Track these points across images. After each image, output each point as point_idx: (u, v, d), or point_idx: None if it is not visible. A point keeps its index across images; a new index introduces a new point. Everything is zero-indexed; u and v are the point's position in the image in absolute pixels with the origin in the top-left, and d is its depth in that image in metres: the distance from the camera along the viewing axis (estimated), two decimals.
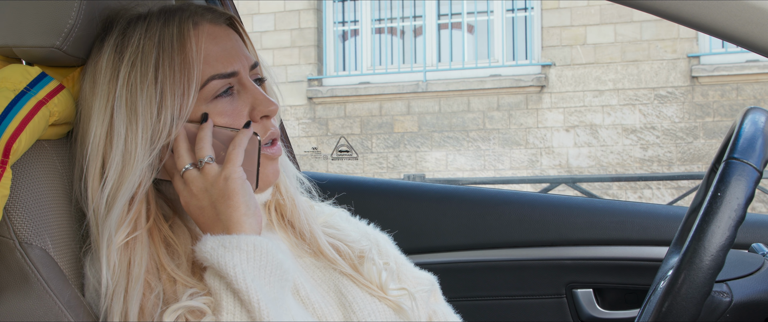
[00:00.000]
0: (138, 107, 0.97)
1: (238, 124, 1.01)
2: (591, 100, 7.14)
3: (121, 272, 0.93)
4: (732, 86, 6.77)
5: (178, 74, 0.97)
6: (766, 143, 0.98)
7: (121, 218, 0.95)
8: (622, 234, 1.73)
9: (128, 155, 0.96)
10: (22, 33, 1.07)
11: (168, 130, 0.97)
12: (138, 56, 0.98)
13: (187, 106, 0.98)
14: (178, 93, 0.97)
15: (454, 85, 7.49)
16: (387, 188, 1.53)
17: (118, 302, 0.92)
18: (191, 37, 1.00)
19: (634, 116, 7.03)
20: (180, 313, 0.91)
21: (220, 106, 1.01)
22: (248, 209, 0.95)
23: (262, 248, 0.92)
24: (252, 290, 0.89)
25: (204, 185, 0.97)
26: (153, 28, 1.00)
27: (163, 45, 0.98)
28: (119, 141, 0.97)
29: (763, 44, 0.90)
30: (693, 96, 6.88)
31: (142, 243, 0.96)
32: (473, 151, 7.46)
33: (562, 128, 7.22)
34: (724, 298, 1.05)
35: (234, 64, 1.02)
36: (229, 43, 1.04)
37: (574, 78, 7.17)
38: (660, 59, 6.93)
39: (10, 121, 0.96)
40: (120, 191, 0.95)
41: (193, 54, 0.98)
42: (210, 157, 0.97)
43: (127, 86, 0.98)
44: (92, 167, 0.98)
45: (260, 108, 1.03)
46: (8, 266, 0.97)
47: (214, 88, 1.00)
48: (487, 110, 7.43)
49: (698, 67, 6.80)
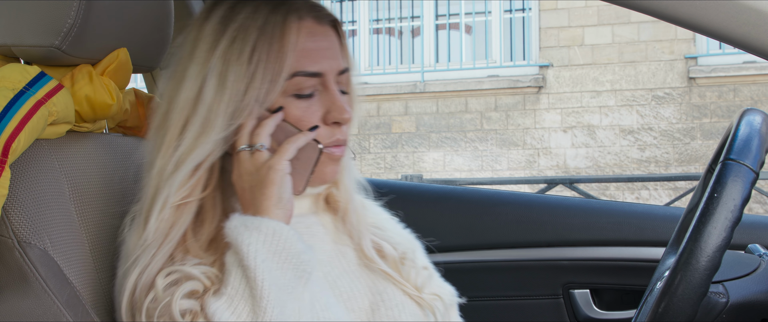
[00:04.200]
0: (228, 81, 1.00)
1: (305, 126, 1.04)
2: (588, 101, 7.14)
3: (160, 231, 0.98)
4: (729, 87, 6.78)
5: (272, 61, 1.00)
6: (762, 144, 0.98)
7: (183, 181, 0.99)
8: (619, 235, 1.73)
9: (208, 124, 1.00)
10: (21, 32, 1.08)
11: (249, 110, 1.01)
12: (239, 33, 1.01)
13: (273, 92, 1.01)
14: (267, 78, 1.00)
15: (452, 86, 7.49)
16: (384, 189, 1.53)
17: (146, 256, 0.97)
18: (293, 29, 1.02)
19: (631, 117, 7.03)
20: (175, 277, 0.95)
21: (296, 103, 1.04)
22: (280, 201, 0.98)
23: (281, 233, 0.94)
24: (259, 270, 0.91)
25: (250, 169, 1.00)
26: (261, 11, 1.03)
27: (265, 29, 1.01)
28: (203, 108, 1.00)
29: (760, 46, 0.90)
30: (690, 97, 6.89)
31: (190, 210, 1.00)
32: (471, 151, 7.46)
33: (560, 129, 7.22)
34: (721, 299, 1.06)
35: (322, 65, 1.05)
36: (325, 43, 1.06)
37: (572, 79, 7.17)
38: (657, 60, 6.94)
39: (9, 120, 0.96)
40: (190, 155, 1.00)
41: (290, 45, 1.02)
42: (263, 145, 1.00)
43: (224, 59, 1.01)
44: (174, 125, 1.02)
45: (334, 113, 1.05)
46: (7, 265, 0.97)
47: (297, 85, 1.03)
48: (484, 111, 7.43)
49: (696, 69, 6.81)
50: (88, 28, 1.08)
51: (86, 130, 1.19)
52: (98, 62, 1.16)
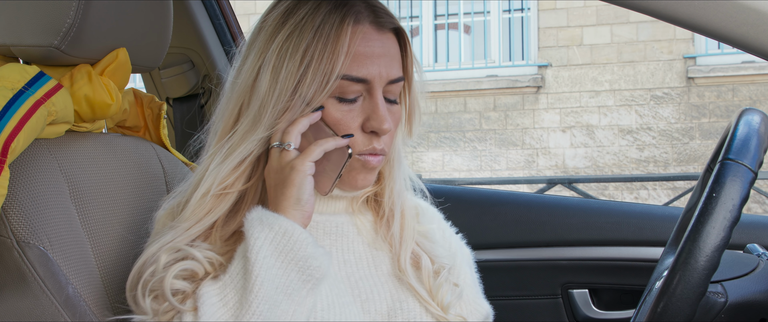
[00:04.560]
0: (280, 77, 1.00)
1: (342, 130, 1.03)
2: (587, 101, 7.15)
3: (196, 215, 0.99)
4: (728, 87, 6.78)
5: (324, 63, 0.99)
6: (760, 144, 0.98)
7: (228, 173, 1.00)
8: (617, 235, 1.73)
9: (258, 119, 1.01)
10: (20, 32, 1.08)
11: (299, 109, 1.01)
12: (296, 30, 1.01)
13: (321, 94, 1.00)
14: (317, 80, 0.99)
15: (451, 86, 7.49)
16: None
17: (174, 231, 0.98)
18: (348, 32, 1.00)
19: (630, 117, 7.04)
20: (178, 256, 0.95)
21: (338, 105, 1.03)
22: (298, 203, 0.97)
23: (291, 234, 0.94)
24: (257, 265, 0.91)
25: (276, 166, 1.00)
26: (320, 10, 1.02)
27: (321, 29, 1.00)
28: (256, 101, 1.01)
29: (758, 45, 0.90)
30: (689, 97, 6.89)
31: (229, 200, 1.01)
32: (470, 151, 7.46)
33: (559, 129, 7.23)
34: (719, 299, 1.06)
35: (370, 71, 1.02)
36: (380, 50, 1.03)
37: (571, 79, 7.18)
38: (656, 60, 6.94)
39: (8, 120, 0.97)
40: (237, 149, 1.01)
41: (343, 48, 1.00)
42: (292, 144, 1.00)
43: (278, 53, 1.01)
44: (230, 113, 1.04)
45: (373, 122, 1.03)
46: (6, 265, 0.97)
47: (341, 88, 1.01)
48: (483, 111, 7.43)
49: (694, 68, 6.81)
50: (87, 27, 1.08)
51: (85, 130, 1.19)
52: (97, 62, 1.16)
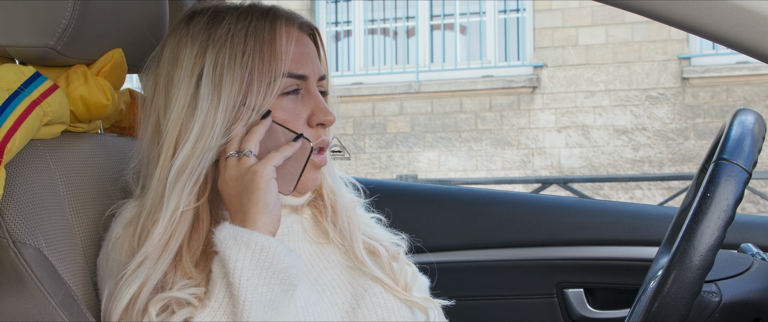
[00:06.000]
0: (223, 87, 1.01)
1: (294, 125, 1.05)
2: (582, 101, 7.16)
3: (162, 242, 0.98)
4: (722, 88, 6.80)
5: (267, 66, 1.02)
6: (754, 144, 0.99)
7: (191, 188, 0.99)
8: (612, 234, 1.74)
9: (207, 129, 1.00)
10: (15, 33, 1.07)
11: (248, 116, 1.01)
12: (229, 38, 1.02)
13: (270, 97, 1.02)
14: (264, 83, 1.02)
15: (447, 86, 7.49)
16: (379, 188, 1.53)
17: (144, 269, 0.96)
18: (282, 35, 1.04)
19: (625, 117, 7.05)
20: (166, 303, 0.94)
21: (284, 103, 1.05)
22: (266, 207, 0.98)
23: (269, 249, 0.94)
24: (243, 288, 0.91)
25: (235, 174, 1.00)
26: (246, 16, 1.04)
27: (256, 34, 1.03)
28: (200, 115, 1.01)
29: (753, 46, 0.90)
30: (684, 97, 6.91)
31: (185, 220, 1.00)
32: (465, 151, 7.47)
33: (554, 129, 7.24)
34: (714, 298, 1.06)
35: (307, 69, 1.07)
36: (307, 50, 1.09)
37: (566, 79, 7.19)
38: (651, 61, 6.95)
39: (4, 120, 0.96)
40: (190, 161, 0.99)
41: (282, 49, 1.03)
42: (251, 151, 1.00)
43: (215, 64, 1.02)
44: (170, 133, 1.02)
45: (319, 115, 1.07)
46: (2, 265, 0.97)
47: (284, 85, 1.04)
48: (479, 111, 7.44)
49: (689, 69, 6.83)
50: (83, 28, 1.08)
51: (81, 131, 1.19)
52: (93, 63, 1.16)
